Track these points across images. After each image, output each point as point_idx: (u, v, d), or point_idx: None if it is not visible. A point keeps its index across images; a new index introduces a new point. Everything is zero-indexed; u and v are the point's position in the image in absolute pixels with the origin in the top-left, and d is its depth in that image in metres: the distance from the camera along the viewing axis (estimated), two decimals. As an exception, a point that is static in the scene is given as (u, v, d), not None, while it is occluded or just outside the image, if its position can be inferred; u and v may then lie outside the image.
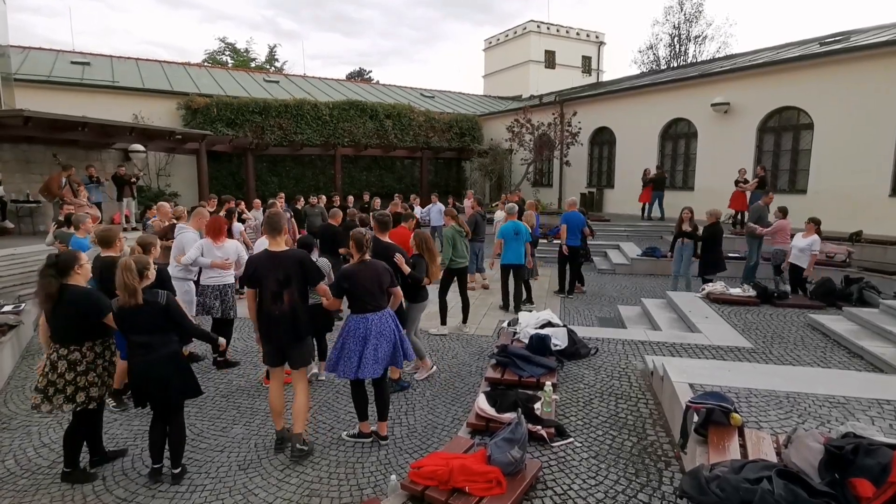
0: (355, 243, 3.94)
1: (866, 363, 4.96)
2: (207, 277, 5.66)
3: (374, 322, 3.85)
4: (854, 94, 11.13)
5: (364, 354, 3.78)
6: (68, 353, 3.39)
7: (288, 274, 3.65)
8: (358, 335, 3.83)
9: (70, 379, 3.38)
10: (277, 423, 3.97)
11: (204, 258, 5.60)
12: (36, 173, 12.10)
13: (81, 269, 3.49)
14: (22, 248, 9.12)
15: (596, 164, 18.61)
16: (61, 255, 3.47)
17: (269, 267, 3.68)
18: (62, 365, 3.38)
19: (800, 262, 7.83)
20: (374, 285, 3.89)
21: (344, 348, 3.85)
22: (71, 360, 3.39)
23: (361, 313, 3.86)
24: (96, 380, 3.47)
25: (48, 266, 3.38)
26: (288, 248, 3.82)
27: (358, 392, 4.01)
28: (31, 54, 18.73)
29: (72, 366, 3.39)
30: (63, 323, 3.38)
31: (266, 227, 3.81)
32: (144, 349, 3.39)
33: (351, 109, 19.37)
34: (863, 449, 2.41)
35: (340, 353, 3.86)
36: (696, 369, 4.32)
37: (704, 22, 37.16)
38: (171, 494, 3.42)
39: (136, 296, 3.33)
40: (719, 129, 14.02)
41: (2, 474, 3.67)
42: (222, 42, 39.17)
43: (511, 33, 30.83)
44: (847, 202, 11.12)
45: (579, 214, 9.22)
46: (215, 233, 5.72)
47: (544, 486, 3.14)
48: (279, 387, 3.93)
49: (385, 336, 3.87)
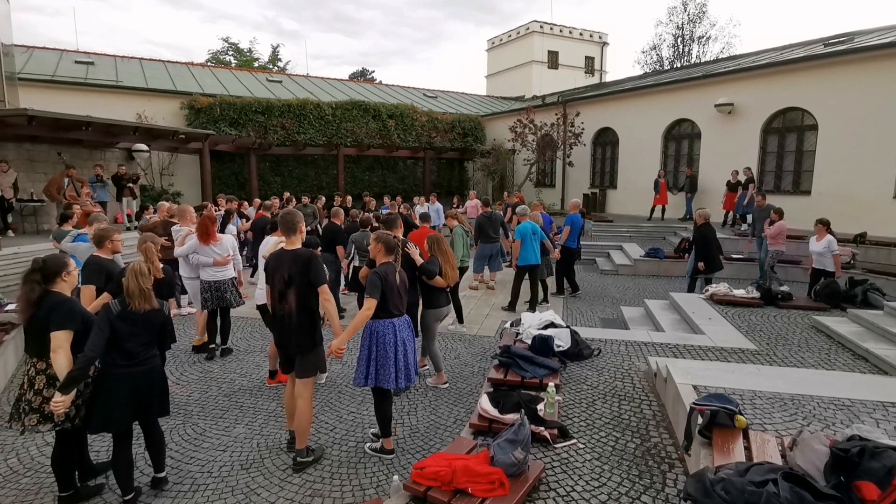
0: (385, 246, 3.83)
1: (871, 365, 4.93)
2: (209, 274, 5.79)
3: (400, 327, 3.80)
4: (858, 96, 11.09)
5: (397, 360, 3.70)
6: (47, 367, 3.07)
7: (292, 273, 3.59)
8: (388, 341, 3.70)
9: (49, 396, 3.02)
10: (290, 423, 3.96)
11: (204, 257, 5.77)
12: (40, 172, 12.15)
13: (69, 276, 3.20)
14: (26, 247, 9.16)
15: (599, 164, 18.57)
16: (48, 260, 3.18)
17: (278, 265, 3.66)
18: (40, 381, 3.08)
19: (824, 266, 7.71)
20: (403, 289, 3.83)
21: (378, 358, 3.69)
22: (50, 374, 3.06)
23: (388, 318, 3.75)
24: (76, 399, 3.08)
25: (33, 270, 3.11)
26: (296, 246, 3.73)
27: (385, 403, 3.81)
28: (36, 54, 18.80)
29: (51, 382, 3.07)
30: (40, 334, 3.03)
31: (281, 226, 3.79)
32: (135, 358, 3.15)
33: (354, 109, 19.40)
34: (868, 452, 2.39)
35: (373, 364, 3.70)
36: (699, 371, 4.30)
37: (708, 22, 36.98)
38: (174, 494, 3.42)
39: (151, 300, 3.18)
40: (723, 130, 13.98)
41: (5, 473, 3.67)
42: (226, 42, 39.26)
43: (514, 34, 30.83)
44: (851, 204, 11.08)
45: (579, 217, 9.23)
46: (205, 236, 5.83)
47: (547, 488, 3.13)
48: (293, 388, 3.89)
49: (410, 341, 3.85)
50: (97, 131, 12.05)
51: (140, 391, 3.18)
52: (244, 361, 5.84)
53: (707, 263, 8.30)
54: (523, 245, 7.61)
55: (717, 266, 8.35)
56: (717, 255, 8.28)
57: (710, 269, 8.31)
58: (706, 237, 8.23)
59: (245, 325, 7.17)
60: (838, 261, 7.64)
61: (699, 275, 8.36)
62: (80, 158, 12.76)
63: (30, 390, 3.09)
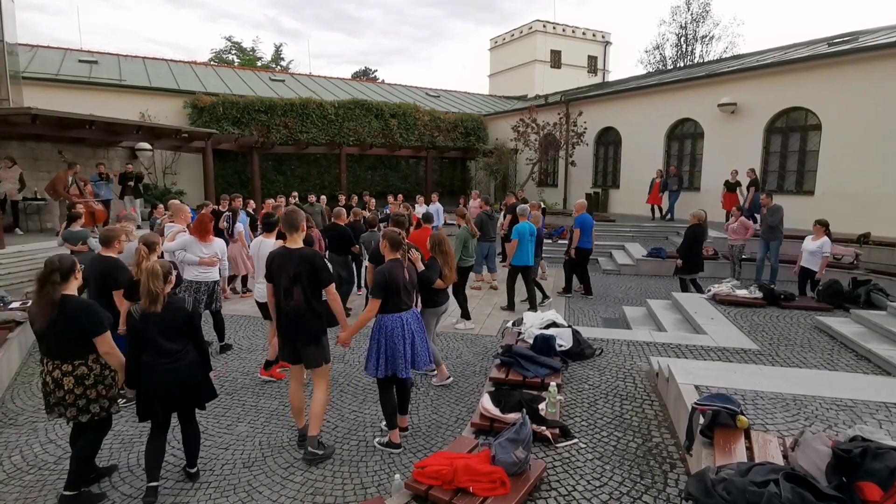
0: (391, 242, 3.96)
1: (874, 366, 4.92)
2: (193, 274, 5.76)
3: (409, 320, 3.91)
4: (862, 95, 11.04)
5: (405, 351, 3.83)
6: (73, 368, 3.17)
7: (298, 271, 3.66)
8: (396, 334, 3.81)
9: (80, 393, 3.18)
10: (298, 420, 4.02)
11: (191, 255, 5.75)
12: (43, 171, 12.20)
13: (78, 274, 3.29)
14: (29, 245, 9.19)
15: (601, 164, 18.54)
16: (63, 259, 3.20)
17: (282, 263, 3.72)
18: (69, 382, 3.16)
19: (811, 265, 7.80)
20: (410, 284, 3.95)
21: (388, 349, 3.80)
22: (78, 375, 3.18)
23: (396, 312, 3.86)
24: (105, 391, 3.29)
25: (52, 271, 3.10)
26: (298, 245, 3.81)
27: (389, 394, 3.93)
28: (40, 53, 18.86)
29: (79, 381, 3.18)
30: (62, 339, 3.12)
31: (284, 224, 3.85)
32: (172, 356, 3.26)
33: (356, 109, 19.41)
34: (870, 452, 2.39)
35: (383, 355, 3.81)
36: (701, 371, 4.30)
37: (711, 22, 37.06)
38: (177, 491, 3.43)
39: (157, 303, 3.22)
40: (726, 130, 13.93)
41: (8, 470, 3.69)
42: (228, 41, 39.33)
43: (517, 33, 30.78)
44: (855, 203, 11.04)
45: (590, 217, 9.23)
46: (201, 232, 5.84)
47: (548, 487, 3.13)
48: (298, 385, 3.98)
49: (419, 332, 3.97)
50: (100, 130, 12.08)
51: (170, 386, 3.27)
52: (246, 360, 5.85)
53: (685, 262, 8.32)
54: (519, 245, 7.61)
55: (696, 267, 8.39)
56: (698, 256, 8.35)
57: (688, 270, 8.35)
58: (692, 237, 8.28)
59: (248, 324, 7.19)
60: (825, 263, 7.73)
61: (679, 273, 8.48)
62: (83, 157, 12.80)
63: (59, 390, 3.17)
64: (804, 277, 8.01)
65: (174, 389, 3.28)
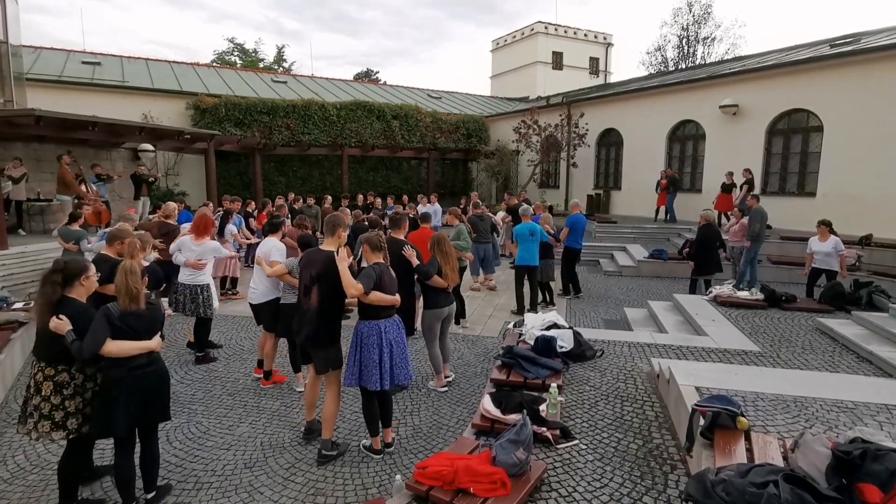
0: (370, 245, 3.87)
1: (875, 368, 4.91)
2: (184, 276, 5.71)
3: (388, 328, 3.77)
4: (864, 97, 11.03)
5: (382, 362, 3.69)
6: (55, 373, 3.03)
7: (321, 272, 3.70)
8: (372, 342, 3.69)
9: (57, 403, 3.01)
10: (308, 413, 4.14)
11: (180, 255, 5.74)
12: (47, 172, 12.24)
13: (87, 280, 3.15)
14: (33, 246, 9.22)
15: (603, 165, 18.54)
16: (70, 262, 3.13)
17: (309, 261, 3.83)
18: (47, 387, 3.02)
19: (826, 266, 7.70)
20: (392, 289, 3.82)
21: (363, 359, 3.69)
22: (58, 381, 3.03)
23: (374, 319, 3.74)
24: (84, 406, 3.09)
25: (54, 271, 3.05)
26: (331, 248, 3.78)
27: (371, 402, 3.81)
28: (43, 54, 18.93)
29: (58, 388, 3.03)
30: (52, 340, 2.97)
31: (324, 226, 3.98)
32: (147, 359, 3.09)
33: (358, 110, 19.45)
34: (871, 454, 2.39)
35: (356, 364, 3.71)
36: (702, 372, 4.30)
37: (713, 23, 36.94)
38: (178, 492, 3.45)
39: (138, 301, 3.05)
40: (728, 132, 13.93)
41: (12, 470, 3.71)
42: (231, 42, 39.45)
43: (518, 34, 30.82)
44: (857, 205, 11.02)
45: (583, 217, 9.23)
46: (199, 230, 5.84)
47: (549, 488, 3.14)
48: (315, 381, 4.06)
49: (398, 343, 3.82)
50: (103, 131, 12.11)
51: (141, 393, 3.07)
52: (248, 361, 5.86)
53: (697, 264, 8.30)
54: (519, 246, 7.63)
55: (715, 268, 8.36)
56: (711, 257, 8.29)
57: (701, 272, 8.32)
58: (709, 238, 8.25)
59: (249, 325, 7.20)
60: (844, 261, 7.61)
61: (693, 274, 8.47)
62: (85, 158, 12.82)
63: (36, 395, 3.03)
64: (814, 278, 7.90)
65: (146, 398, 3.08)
